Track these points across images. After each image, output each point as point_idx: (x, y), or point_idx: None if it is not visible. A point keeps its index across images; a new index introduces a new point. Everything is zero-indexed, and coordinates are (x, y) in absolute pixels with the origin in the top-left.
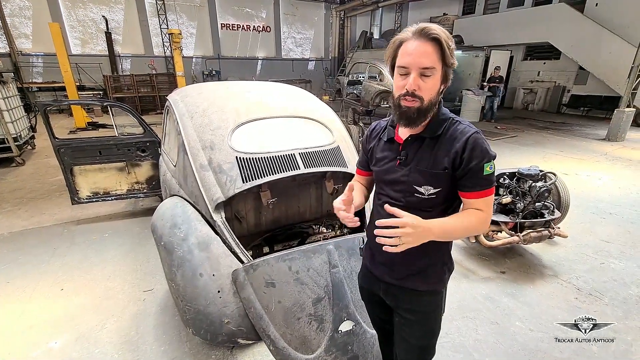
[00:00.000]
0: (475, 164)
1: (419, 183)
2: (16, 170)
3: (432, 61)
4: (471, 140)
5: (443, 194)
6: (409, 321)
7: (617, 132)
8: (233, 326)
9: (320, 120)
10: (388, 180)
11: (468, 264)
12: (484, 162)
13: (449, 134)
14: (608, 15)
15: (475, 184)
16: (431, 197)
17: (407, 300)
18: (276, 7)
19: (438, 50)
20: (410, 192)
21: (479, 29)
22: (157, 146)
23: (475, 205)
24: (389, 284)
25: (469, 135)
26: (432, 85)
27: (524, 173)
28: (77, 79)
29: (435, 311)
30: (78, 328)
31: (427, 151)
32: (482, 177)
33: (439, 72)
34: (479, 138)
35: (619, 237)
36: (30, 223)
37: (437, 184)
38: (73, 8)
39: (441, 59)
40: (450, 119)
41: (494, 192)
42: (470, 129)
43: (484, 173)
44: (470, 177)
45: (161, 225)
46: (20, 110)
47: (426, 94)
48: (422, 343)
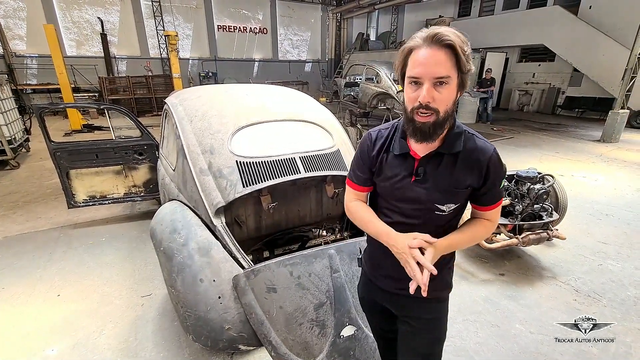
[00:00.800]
0: (496, 180)
1: (440, 201)
2: (11, 174)
3: (447, 70)
4: (493, 160)
5: (460, 208)
6: (416, 329)
7: (611, 133)
8: (234, 332)
9: (320, 123)
10: (402, 198)
11: (467, 266)
12: (502, 178)
13: (469, 149)
14: (602, 18)
15: (493, 198)
16: (449, 214)
17: (415, 308)
18: (273, 9)
19: (452, 57)
20: (430, 209)
21: (474, 31)
22: (155, 149)
23: (487, 216)
24: (396, 295)
25: (491, 154)
26: (448, 95)
27: (522, 175)
28: (73, 80)
29: (442, 318)
30: (75, 335)
31: (447, 168)
32: (498, 192)
33: (454, 81)
34: (498, 157)
35: (615, 239)
36: (25, 227)
37: (458, 200)
38: (68, 9)
39: (456, 66)
40: (466, 132)
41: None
42: (489, 145)
43: (500, 187)
44: (490, 193)
45: (160, 230)
46: (14, 113)
47: (442, 106)
48: (429, 351)
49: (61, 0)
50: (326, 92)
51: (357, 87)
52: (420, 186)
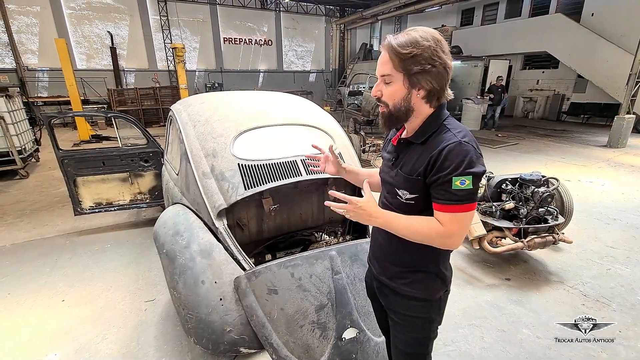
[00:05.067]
0: (443, 174)
1: (399, 186)
2: (20, 183)
3: (389, 69)
4: (447, 149)
5: (421, 200)
6: (396, 323)
7: (618, 138)
8: (235, 335)
9: (321, 127)
10: (383, 180)
11: (472, 271)
12: (454, 174)
13: (432, 140)
14: (604, 24)
15: (442, 196)
16: (409, 202)
17: (393, 301)
18: (277, 21)
19: (394, 58)
20: (394, 194)
21: (477, 40)
22: (160, 156)
23: (441, 219)
24: (381, 282)
25: (448, 143)
26: (393, 91)
27: (526, 179)
28: (82, 93)
29: (421, 319)
30: (78, 339)
31: (411, 156)
32: (449, 191)
33: (398, 79)
34: (457, 149)
35: (624, 243)
36: (32, 235)
37: (413, 190)
38: (79, 24)
39: (398, 66)
40: (442, 126)
41: (465, 211)
42: (453, 137)
43: (452, 187)
44: (437, 188)
45: (163, 233)
46: (25, 124)
47: (389, 100)
48: (408, 350)
49: (72, 15)
50: (330, 101)
51: (361, 95)
52: (392, 170)
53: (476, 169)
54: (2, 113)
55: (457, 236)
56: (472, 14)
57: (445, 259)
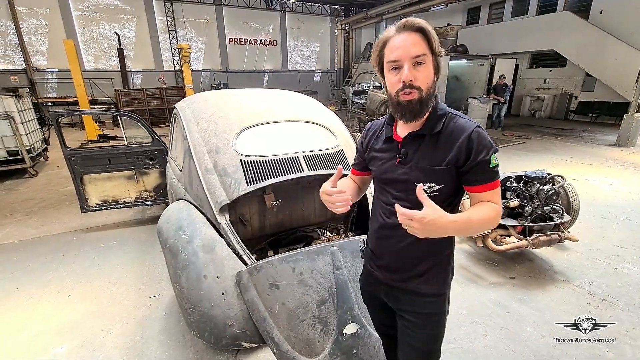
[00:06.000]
0: (482, 157)
1: (420, 180)
2: (29, 181)
3: (423, 49)
4: (474, 134)
5: (445, 191)
6: (413, 324)
7: (627, 137)
8: (237, 329)
9: (324, 124)
10: (388, 180)
11: (476, 269)
12: (491, 154)
13: (449, 129)
14: (613, 22)
15: (485, 177)
16: (434, 195)
17: (409, 302)
18: (282, 22)
19: (424, 39)
20: (413, 190)
21: (483, 38)
22: (165, 154)
23: (487, 198)
24: (390, 286)
25: (472, 129)
26: (427, 73)
27: (531, 176)
28: (90, 93)
29: (438, 314)
30: (83, 333)
31: (428, 148)
32: (490, 170)
33: (430, 60)
34: (482, 131)
35: (632, 242)
36: (40, 232)
37: (440, 180)
38: (87, 26)
39: (429, 47)
40: (449, 114)
41: (499, 185)
42: (471, 123)
43: (491, 165)
44: (478, 171)
45: (166, 228)
46: (34, 123)
47: (423, 83)
48: (426, 347)
49: (80, 17)
50: (335, 101)
51: (365, 94)
52: (403, 167)
53: (495, 146)
54: (12, 113)
55: (501, 209)
56: (478, 12)
57: (452, 252)
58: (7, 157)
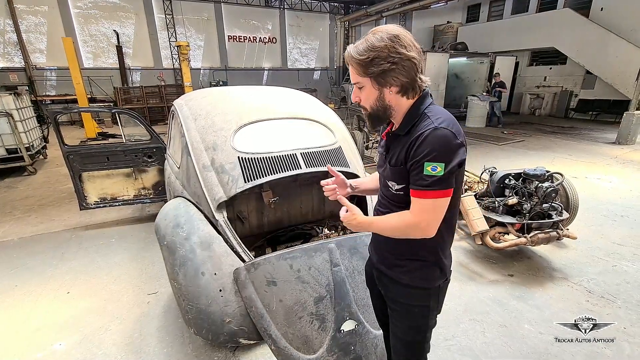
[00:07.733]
0: (417, 159)
1: (389, 178)
2: (28, 179)
3: (356, 77)
4: (422, 135)
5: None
6: (397, 313)
7: (627, 135)
8: (234, 326)
9: (321, 121)
10: (380, 175)
11: (475, 266)
12: (426, 159)
13: (415, 129)
14: (614, 19)
15: (414, 181)
16: (399, 193)
17: (393, 289)
18: (282, 19)
19: (357, 67)
20: (386, 186)
21: (483, 36)
22: (163, 151)
23: (414, 205)
24: (380, 272)
25: (426, 130)
26: (366, 95)
27: (529, 173)
28: (89, 91)
29: (420, 306)
30: (82, 330)
31: (398, 148)
32: (420, 176)
33: (367, 83)
34: (432, 134)
35: (631, 240)
36: (39, 229)
37: (400, 180)
38: (86, 23)
39: (362, 72)
40: (423, 115)
41: (433, 197)
42: (431, 124)
43: (423, 172)
44: (412, 173)
45: (164, 225)
46: (33, 121)
47: (365, 103)
48: (407, 337)
49: (79, 15)
50: (334, 99)
51: None
52: (385, 163)
53: (450, 156)
54: (11, 110)
55: (426, 222)
56: (478, 9)
57: (445, 248)
58: (6, 155)
